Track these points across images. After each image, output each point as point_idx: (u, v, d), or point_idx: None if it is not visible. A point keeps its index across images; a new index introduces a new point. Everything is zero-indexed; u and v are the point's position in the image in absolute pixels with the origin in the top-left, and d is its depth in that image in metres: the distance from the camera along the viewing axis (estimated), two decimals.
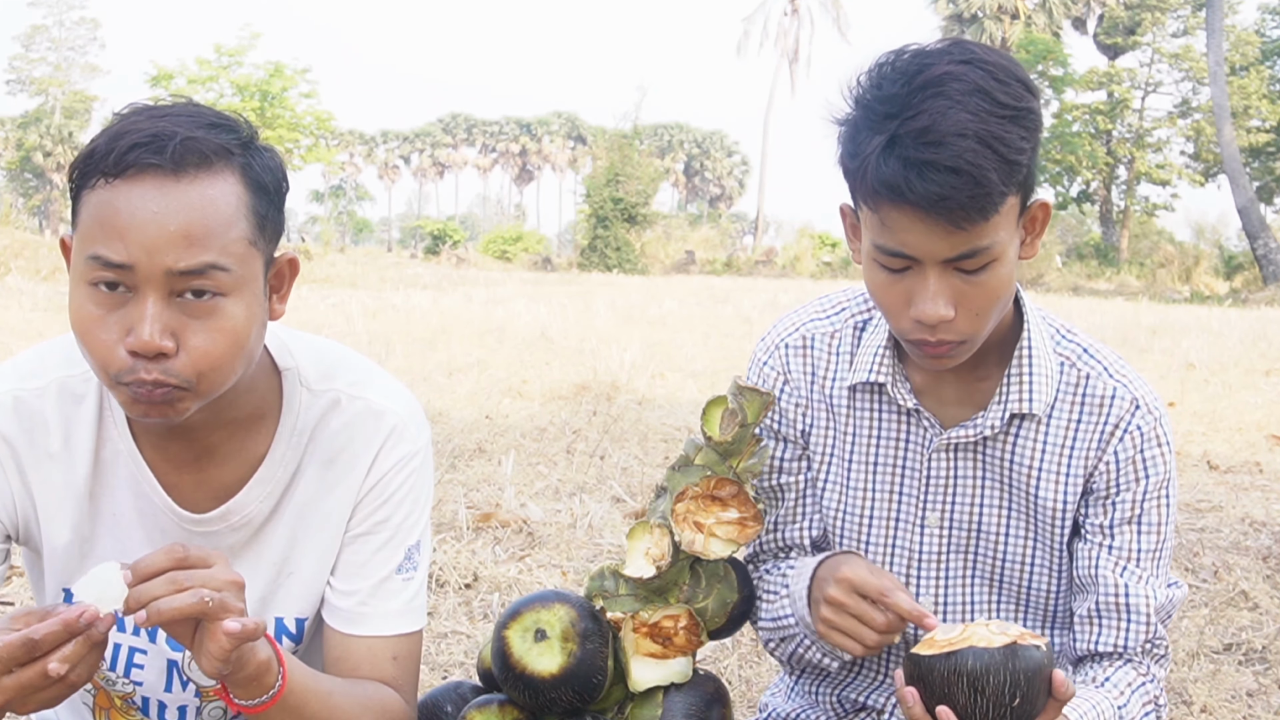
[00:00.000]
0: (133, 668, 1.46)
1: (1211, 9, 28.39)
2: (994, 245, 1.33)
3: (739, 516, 1.50)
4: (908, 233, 1.32)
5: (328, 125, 34.85)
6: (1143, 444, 1.50)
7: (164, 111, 1.25)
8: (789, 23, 55.72)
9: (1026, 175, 1.33)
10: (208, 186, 1.21)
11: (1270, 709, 2.76)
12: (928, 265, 1.34)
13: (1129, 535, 1.51)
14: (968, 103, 1.28)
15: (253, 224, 1.25)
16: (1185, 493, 4.97)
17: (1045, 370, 1.51)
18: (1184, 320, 15.92)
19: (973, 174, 1.27)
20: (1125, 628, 1.51)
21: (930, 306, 1.34)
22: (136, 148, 1.19)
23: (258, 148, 1.29)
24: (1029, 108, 1.32)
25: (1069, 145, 35.19)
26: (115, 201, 1.19)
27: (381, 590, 1.45)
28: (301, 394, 1.43)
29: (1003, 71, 1.32)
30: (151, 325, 1.19)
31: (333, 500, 1.44)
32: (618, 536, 4.00)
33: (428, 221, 51.42)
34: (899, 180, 1.28)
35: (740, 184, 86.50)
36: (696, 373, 8.52)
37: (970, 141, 1.27)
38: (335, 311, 13.36)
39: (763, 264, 38.56)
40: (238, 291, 1.24)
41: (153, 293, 1.20)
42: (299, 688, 1.29)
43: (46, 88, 61.65)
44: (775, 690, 1.86)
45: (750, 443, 1.53)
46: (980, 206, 1.28)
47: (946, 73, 1.30)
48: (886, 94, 1.32)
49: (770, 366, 1.64)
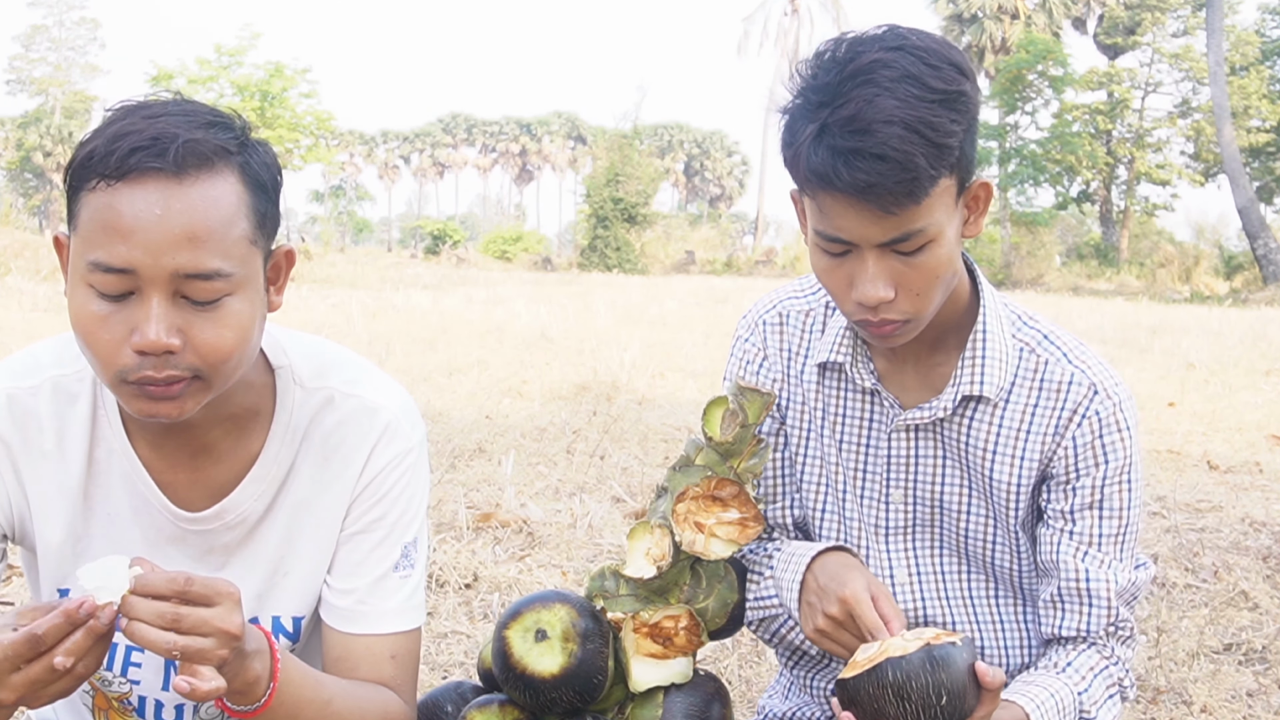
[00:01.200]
0: (130, 666, 1.46)
1: (1211, 9, 28.40)
2: (929, 227, 1.35)
3: (739, 517, 1.50)
4: (842, 218, 1.35)
5: (328, 125, 34.85)
6: (1101, 429, 1.51)
7: (160, 110, 1.24)
8: (789, 23, 55.70)
9: (960, 157, 1.35)
10: (209, 187, 1.21)
11: (1270, 709, 2.76)
12: (865, 249, 1.37)
13: (1090, 520, 1.53)
14: (896, 89, 1.30)
15: (253, 222, 1.25)
16: (1185, 493, 4.97)
17: (999, 354, 1.53)
18: (1184, 320, 15.93)
19: (899, 160, 1.29)
20: (1087, 612, 1.53)
21: (870, 289, 1.37)
22: (138, 151, 1.18)
23: (254, 144, 1.29)
24: (960, 90, 1.33)
25: (1069, 145, 35.16)
26: (117, 205, 1.18)
27: (379, 588, 1.45)
28: (295, 392, 1.43)
29: (934, 56, 1.34)
30: (158, 325, 1.19)
31: (328, 498, 1.44)
32: (618, 536, 4.00)
33: (428, 221, 51.39)
34: (828, 169, 1.31)
35: (740, 184, 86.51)
36: (696, 373, 8.52)
37: (897, 128, 1.29)
38: (335, 311, 13.36)
39: (763, 264, 38.55)
40: (241, 290, 1.25)
41: (157, 293, 1.20)
42: (291, 699, 1.29)
43: (46, 88, 61.66)
44: (773, 691, 1.86)
45: (751, 443, 1.53)
46: (909, 191, 1.31)
47: (876, 60, 1.32)
48: (821, 83, 1.35)
49: (750, 343, 1.68)
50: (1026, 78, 35.43)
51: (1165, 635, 3.19)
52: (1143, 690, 2.84)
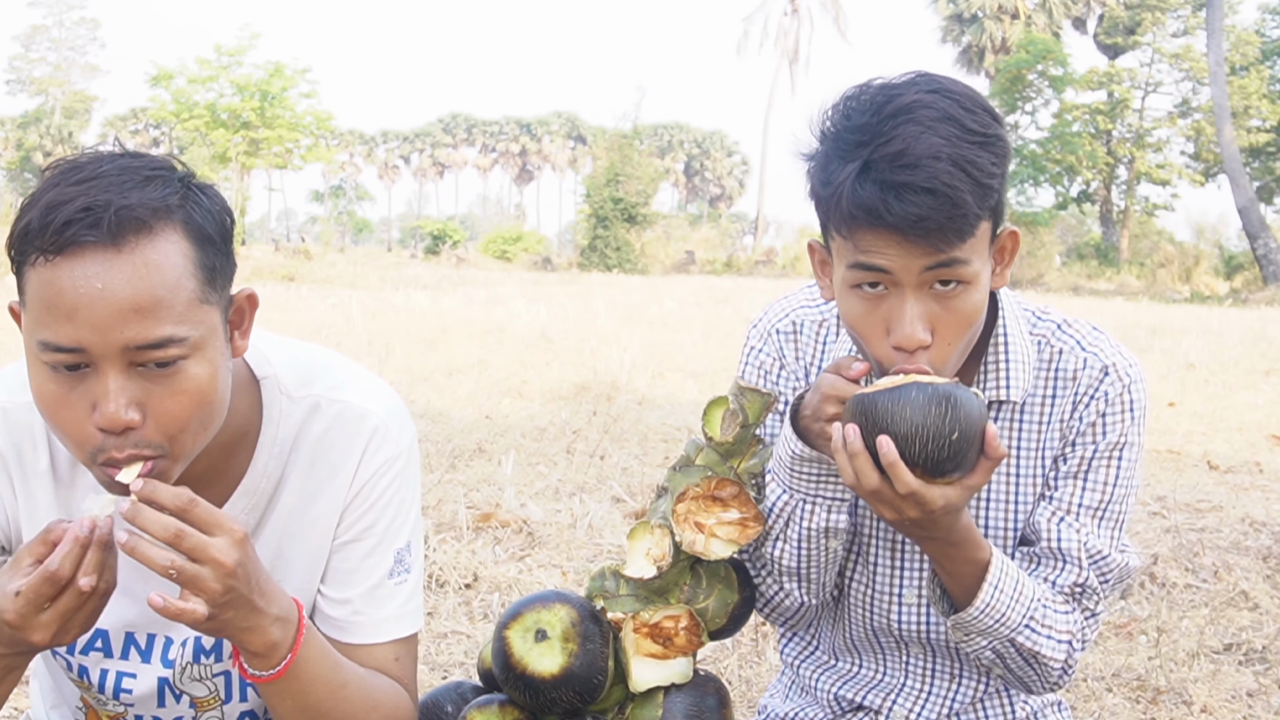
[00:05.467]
0: (121, 692, 1.45)
1: (1211, 9, 28.40)
2: (970, 265, 1.34)
3: (740, 517, 1.50)
4: (882, 255, 1.33)
5: (328, 125, 34.88)
6: (1106, 407, 1.52)
7: (93, 173, 1.17)
8: (789, 23, 55.71)
9: (997, 202, 1.35)
10: (151, 252, 1.16)
11: (1270, 709, 2.76)
12: (905, 287, 1.35)
13: (1071, 488, 1.53)
14: (939, 128, 1.30)
15: (201, 279, 1.20)
16: (1185, 493, 4.97)
17: (1022, 357, 1.54)
18: (1184, 320, 15.93)
19: (949, 195, 1.28)
20: (1059, 568, 1.53)
21: (908, 329, 1.35)
22: (71, 224, 1.13)
23: (196, 192, 1.23)
24: (997, 134, 1.34)
25: (1069, 145, 35.18)
26: (58, 282, 1.14)
27: (374, 597, 1.43)
28: (281, 402, 1.40)
29: (969, 100, 1.34)
30: (115, 400, 1.16)
31: (318, 507, 1.42)
32: (618, 536, 4.00)
33: (428, 221, 51.35)
34: (876, 203, 1.29)
35: (740, 184, 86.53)
36: (696, 373, 8.52)
37: (945, 164, 1.28)
38: (335, 311, 13.36)
39: (763, 264, 38.55)
40: (199, 351, 1.20)
41: (111, 368, 1.16)
42: (304, 677, 1.29)
43: (46, 88, 61.68)
44: (773, 692, 1.86)
45: (751, 443, 1.53)
46: (957, 228, 1.30)
47: (916, 100, 1.32)
48: (856, 124, 1.34)
49: (765, 353, 1.66)
50: (1026, 78, 35.46)
51: (1165, 635, 3.19)
52: (1143, 690, 2.84)
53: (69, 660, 1.44)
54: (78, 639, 1.22)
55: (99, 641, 1.43)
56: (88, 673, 1.44)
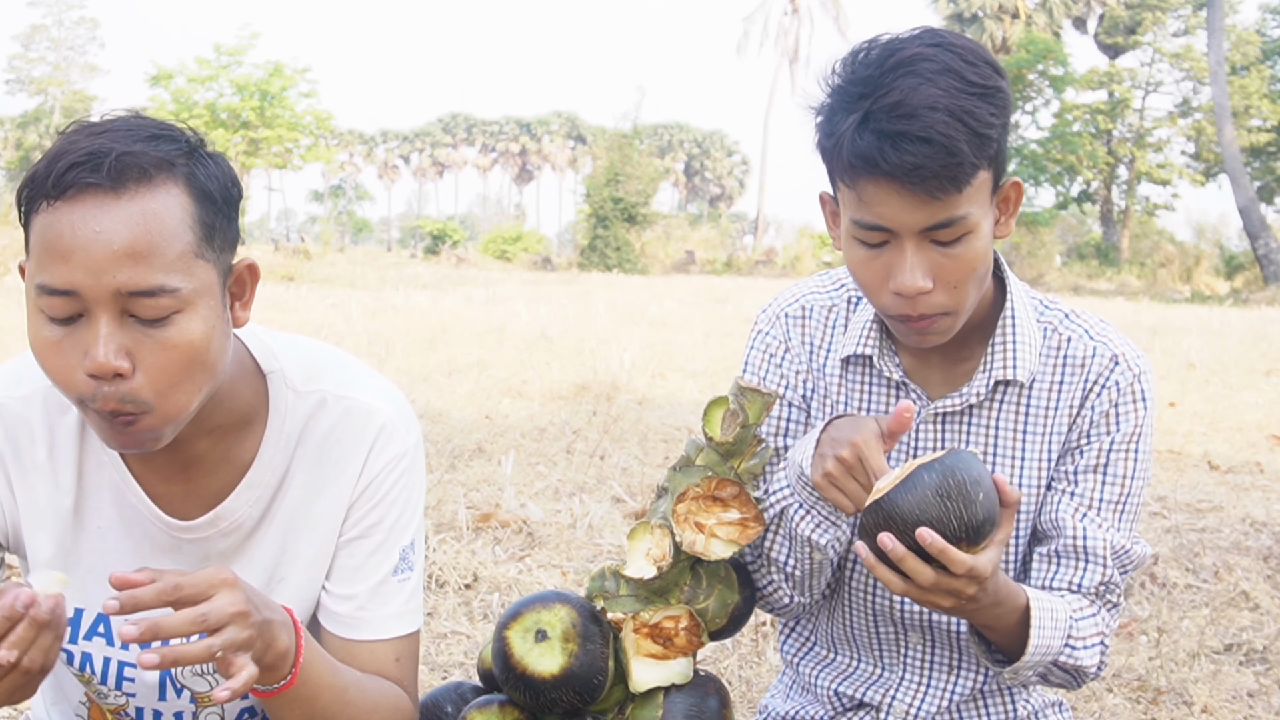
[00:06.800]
0: (124, 681, 1.45)
1: (1212, 8, 28.40)
2: (968, 217, 1.37)
3: (740, 517, 1.50)
4: (884, 205, 1.36)
5: (327, 125, 34.89)
6: (1118, 398, 1.54)
7: (103, 127, 1.21)
8: (789, 22, 55.71)
9: (997, 152, 1.38)
10: (149, 201, 1.17)
11: (1270, 709, 2.76)
12: (905, 237, 1.38)
13: (1092, 483, 1.54)
14: (938, 80, 1.33)
15: (199, 234, 1.21)
16: (1186, 493, 4.97)
17: (1028, 338, 1.55)
18: (1184, 320, 15.94)
19: (944, 144, 1.31)
20: (1082, 569, 1.54)
21: (908, 278, 1.38)
22: (74, 168, 1.16)
23: (203, 156, 1.24)
24: (998, 86, 1.37)
25: (1069, 145, 35.17)
26: (57, 224, 1.16)
27: (379, 593, 1.44)
28: (287, 396, 1.40)
29: (971, 54, 1.37)
30: (105, 346, 1.16)
31: (323, 503, 1.42)
32: (618, 536, 3.99)
33: (427, 221, 51.32)
34: (873, 152, 1.33)
35: (740, 184, 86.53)
36: (696, 373, 8.52)
37: (941, 114, 1.31)
38: (335, 311, 13.36)
39: (763, 264, 38.55)
40: (192, 306, 1.20)
41: (104, 313, 1.17)
42: (312, 682, 1.29)
43: (46, 87, 61.66)
44: (774, 691, 1.86)
45: (752, 443, 1.52)
46: (952, 176, 1.33)
47: (917, 54, 1.35)
48: (860, 76, 1.37)
49: (772, 335, 1.68)
50: (1027, 77, 35.41)
51: (1166, 635, 3.19)
52: (1143, 690, 2.84)
53: (70, 651, 1.44)
54: (60, 646, 1.18)
55: (101, 627, 1.43)
56: (91, 660, 1.44)
